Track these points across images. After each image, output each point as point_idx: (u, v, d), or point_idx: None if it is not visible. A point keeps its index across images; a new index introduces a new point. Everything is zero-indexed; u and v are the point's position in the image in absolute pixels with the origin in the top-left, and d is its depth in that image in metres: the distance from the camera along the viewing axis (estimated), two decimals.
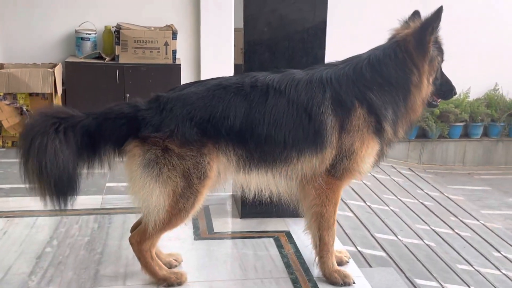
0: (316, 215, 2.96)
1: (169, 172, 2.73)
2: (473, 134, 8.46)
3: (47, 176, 2.65)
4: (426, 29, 2.78)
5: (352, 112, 2.81)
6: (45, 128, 2.68)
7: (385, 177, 7.10)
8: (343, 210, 5.51)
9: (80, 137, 2.73)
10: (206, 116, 2.75)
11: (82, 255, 3.23)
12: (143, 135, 2.71)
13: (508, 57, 8.52)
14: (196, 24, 6.98)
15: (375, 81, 2.84)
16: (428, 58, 2.83)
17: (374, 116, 2.83)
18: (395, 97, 2.85)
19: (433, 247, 5.12)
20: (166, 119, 2.72)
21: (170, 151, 2.72)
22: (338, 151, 2.85)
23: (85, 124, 2.76)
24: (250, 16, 3.62)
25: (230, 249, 3.43)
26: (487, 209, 6.75)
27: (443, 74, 2.99)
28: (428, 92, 2.92)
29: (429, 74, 2.87)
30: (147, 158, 2.71)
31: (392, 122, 2.87)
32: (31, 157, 2.66)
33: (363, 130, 2.83)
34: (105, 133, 2.76)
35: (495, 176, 8.10)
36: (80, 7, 6.74)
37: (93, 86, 6.49)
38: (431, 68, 2.87)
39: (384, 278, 3.38)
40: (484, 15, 8.38)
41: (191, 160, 2.74)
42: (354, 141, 2.83)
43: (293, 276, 3.08)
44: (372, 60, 2.88)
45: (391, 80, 2.84)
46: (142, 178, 2.72)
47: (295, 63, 3.57)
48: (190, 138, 2.72)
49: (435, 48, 2.86)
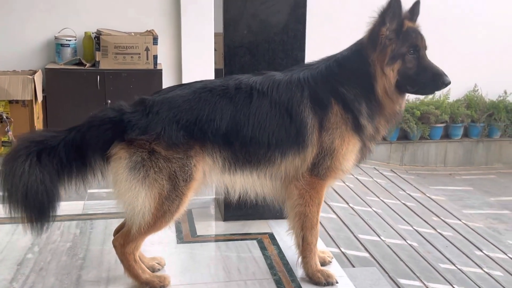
0: (299, 215, 2.97)
1: (156, 174, 2.72)
2: (454, 135, 8.54)
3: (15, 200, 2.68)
4: (376, 20, 2.80)
5: (329, 109, 2.84)
6: (16, 153, 2.70)
7: (367, 179, 7.14)
8: (327, 212, 5.53)
9: (65, 154, 2.73)
10: (192, 118, 2.76)
11: (64, 260, 3.20)
12: (130, 138, 2.70)
13: (487, 59, 8.62)
14: (177, 29, 6.98)
15: (343, 75, 2.87)
16: (379, 47, 2.79)
17: (350, 112, 2.84)
18: (365, 90, 2.85)
19: (416, 247, 5.16)
20: (153, 121, 2.72)
21: (156, 153, 2.71)
22: (319, 149, 2.86)
23: (69, 139, 2.76)
24: (230, 20, 3.63)
25: (213, 251, 3.42)
26: (469, 208, 6.82)
27: (420, 62, 2.84)
28: (387, 83, 2.82)
29: (382, 63, 2.80)
30: (134, 161, 2.70)
31: (368, 116, 2.87)
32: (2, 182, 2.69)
33: (342, 128, 2.84)
34: (91, 142, 2.76)
35: (476, 176, 8.18)
36: (60, 14, 6.71)
37: (73, 93, 6.47)
38: (382, 57, 2.79)
39: (367, 278, 3.39)
40: (464, 17, 8.47)
41: (178, 163, 2.74)
42: (334, 139, 2.85)
43: (277, 277, 3.09)
44: (340, 56, 2.94)
45: (357, 73, 2.86)
46: (128, 181, 2.71)
47: (275, 65, 3.60)
48: (177, 141, 2.73)
49: (393, 36, 2.78)
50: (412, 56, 2.82)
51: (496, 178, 8.14)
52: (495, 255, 5.38)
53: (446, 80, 2.81)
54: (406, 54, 2.81)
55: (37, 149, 2.72)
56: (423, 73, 2.82)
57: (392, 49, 2.79)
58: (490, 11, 8.62)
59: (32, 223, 2.74)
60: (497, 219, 6.55)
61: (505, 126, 8.58)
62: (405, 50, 2.80)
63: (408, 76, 2.82)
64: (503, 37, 8.67)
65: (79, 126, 2.81)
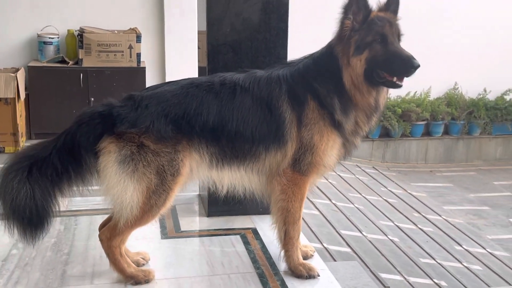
0: (282, 209, 3.02)
1: (144, 168, 2.76)
2: (434, 132, 8.65)
3: (6, 217, 2.74)
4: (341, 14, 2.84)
5: (306, 105, 2.89)
6: (7, 170, 2.75)
7: (350, 176, 7.21)
8: (309, 208, 5.60)
9: (59, 160, 2.77)
10: (180, 112, 2.80)
11: (48, 256, 3.22)
12: (119, 131, 2.74)
13: (467, 57, 8.74)
14: (160, 27, 6.99)
15: (318, 72, 2.92)
16: (344, 40, 2.82)
17: (326, 108, 2.88)
18: (337, 85, 2.87)
19: (397, 242, 5.24)
20: (142, 115, 2.76)
21: (145, 147, 2.75)
22: (299, 144, 2.90)
23: (60, 144, 2.80)
24: (213, 18, 3.66)
25: (197, 246, 3.46)
26: (449, 205, 6.93)
27: (388, 49, 2.80)
28: (353, 74, 2.83)
29: (347, 54, 2.82)
30: (123, 154, 2.73)
31: (342, 111, 2.89)
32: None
33: (320, 123, 2.89)
34: (81, 140, 2.78)
35: (456, 173, 8.30)
36: (43, 11, 6.68)
37: (56, 91, 6.45)
38: (347, 48, 2.82)
39: (348, 271, 3.46)
40: (445, 16, 8.59)
41: (166, 157, 2.78)
42: (313, 135, 2.89)
43: (260, 271, 3.13)
44: (316, 54, 3.00)
45: (328, 68, 2.89)
46: (117, 175, 2.74)
47: (258, 63, 3.64)
48: (165, 135, 2.77)
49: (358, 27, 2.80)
50: (379, 44, 2.81)
51: (475, 175, 8.26)
52: (475, 250, 5.48)
53: (415, 63, 2.75)
54: (373, 43, 2.80)
55: (28, 163, 2.75)
56: (392, 59, 2.78)
57: (356, 40, 2.80)
58: (471, 10, 8.74)
59: (24, 235, 2.77)
60: (476, 215, 6.66)
61: (485, 124, 8.72)
62: (370, 39, 2.79)
63: (377, 63, 2.80)
64: (483, 36, 8.80)
65: (68, 129, 2.84)
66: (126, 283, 2.93)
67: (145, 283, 2.94)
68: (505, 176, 8.22)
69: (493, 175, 8.25)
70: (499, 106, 8.71)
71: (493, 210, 6.83)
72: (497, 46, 8.85)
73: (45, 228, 2.79)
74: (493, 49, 8.84)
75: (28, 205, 2.71)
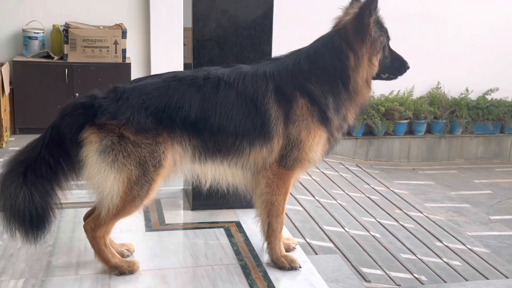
0: (266, 202, 3.07)
1: (124, 159, 2.80)
2: (417, 131, 8.74)
3: (7, 221, 2.80)
4: (364, 12, 2.88)
5: (294, 102, 2.92)
6: (4, 177, 2.82)
7: (333, 173, 7.28)
8: (293, 204, 5.65)
9: (50, 156, 2.82)
10: (161, 105, 2.83)
11: (33, 247, 3.23)
12: (100, 122, 2.77)
13: (450, 57, 8.85)
14: (146, 23, 7.02)
15: (312, 73, 2.95)
16: (370, 40, 2.90)
17: (317, 105, 2.93)
18: (334, 85, 2.95)
19: (379, 238, 5.32)
20: (122, 107, 2.80)
21: (125, 138, 2.79)
22: (286, 141, 2.95)
23: (48, 139, 2.84)
24: (198, 13, 3.70)
25: (181, 239, 3.50)
26: (430, 202, 7.02)
27: (392, 51, 3.07)
28: (370, 73, 2.98)
29: (371, 55, 2.93)
30: (104, 145, 2.77)
31: (334, 109, 2.96)
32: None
33: (308, 120, 2.93)
34: (65, 131, 2.82)
35: (438, 171, 8.41)
36: (28, 6, 6.69)
37: (41, 86, 6.47)
38: (374, 49, 2.93)
39: (329, 264, 3.52)
40: (427, 16, 8.68)
41: (147, 148, 2.82)
42: (301, 131, 2.93)
43: (243, 263, 3.18)
44: (310, 53, 3.00)
45: (328, 69, 2.95)
46: (97, 164, 2.78)
47: (243, 59, 3.69)
48: (145, 126, 2.80)
49: (377, 29, 2.93)
50: (387, 46, 3.04)
51: (457, 173, 8.38)
52: (454, 246, 5.57)
53: (408, 65, 3.10)
54: (386, 45, 3.02)
55: (22, 169, 2.80)
56: (396, 61, 3.08)
57: (381, 41, 2.96)
58: (454, 10, 8.85)
59: (26, 237, 2.84)
60: (457, 212, 6.76)
61: (467, 123, 8.82)
62: (385, 41, 3.01)
63: (385, 64, 3.04)
64: (466, 36, 8.92)
65: (53, 122, 2.88)
66: (110, 274, 2.96)
67: (129, 273, 2.98)
68: (485, 175, 8.34)
69: (474, 174, 8.37)
70: (480, 106, 8.82)
71: (474, 208, 6.94)
72: (480, 46, 8.97)
73: (46, 228, 2.85)
74: (475, 49, 8.96)
75: (28, 208, 2.76)
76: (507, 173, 8.50)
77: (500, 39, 9.04)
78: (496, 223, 6.50)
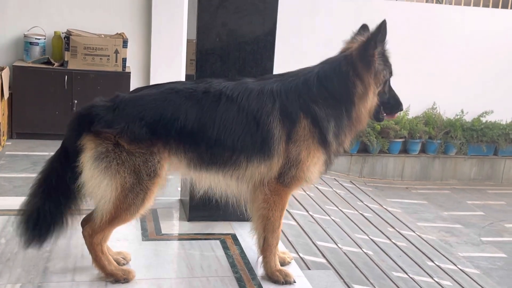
0: (262, 217, 3.09)
1: (118, 166, 2.84)
2: (412, 150, 8.81)
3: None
4: (369, 43, 2.91)
5: (297, 123, 2.94)
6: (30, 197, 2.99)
7: (327, 189, 7.32)
8: (287, 218, 5.68)
9: (61, 168, 2.94)
10: (156, 116, 2.87)
11: (30, 252, 3.23)
12: (96, 130, 2.83)
13: (446, 78, 8.95)
14: (147, 33, 7.06)
15: (321, 95, 2.97)
16: (373, 71, 2.93)
17: (318, 127, 2.95)
18: (338, 110, 2.97)
19: (371, 255, 5.35)
20: (118, 117, 2.85)
21: (120, 146, 2.84)
22: (286, 160, 2.97)
23: (58, 154, 2.98)
24: (203, 27, 3.74)
25: (177, 249, 3.52)
26: (423, 221, 7.07)
27: (391, 89, 3.06)
28: (373, 104, 3.00)
29: (374, 87, 2.96)
30: (98, 151, 2.83)
31: (334, 134, 2.98)
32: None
33: (309, 141, 2.96)
34: (67, 143, 2.94)
35: (431, 191, 8.46)
36: (30, 12, 6.72)
37: (40, 91, 6.48)
38: (376, 81, 2.95)
39: (323, 280, 3.54)
40: (425, 37, 8.79)
41: (141, 157, 2.86)
42: (301, 151, 2.96)
43: (238, 275, 3.21)
44: (320, 75, 3.00)
45: (335, 94, 2.97)
46: (91, 170, 2.83)
47: (245, 73, 3.71)
48: (139, 137, 2.84)
49: (381, 62, 2.95)
50: (388, 82, 3.04)
51: (450, 194, 8.44)
52: (446, 266, 5.62)
53: (403, 107, 3.15)
54: (387, 81, 3.03)
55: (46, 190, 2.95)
56: (392, 99, 3.08)
57: (384, 75, 2.98)
58: (451, 33, 8.95)
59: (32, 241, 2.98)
60: (449, 232, 6.81)
61: (461, 144, 8.90)
62: (388, 76, 3.02)
63: (382, 100, 3.04)
64: (462, 59, 9.02)
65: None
66: (106, 281, 2.98)
67: (124, 281, 3.00)
68: (478, 196, 8.41)
69: (466, 195, 8.43)
70: (475, 128, 8.90)
71: (465, 229, 6.99)
72: (476, 69, 9.08)
73: (49, 234, 2.98)
74: (472, 71, 9.07)
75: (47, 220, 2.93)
76: (500, 195, 8.57)
77: (497, 63, 9.15)
78: (487, 244, 6.55)
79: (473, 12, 9.13)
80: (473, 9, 9.21)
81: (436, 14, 8.93)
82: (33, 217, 2.92)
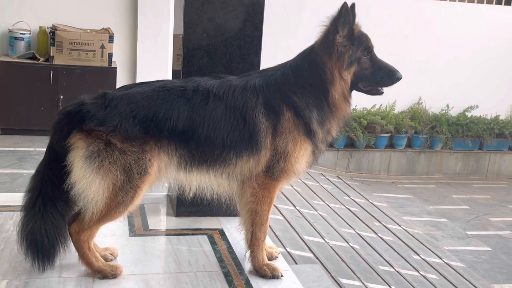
0: (251, 211, 3.11)
1: (110, 165, 2.83)
2: (398, 145, 8.87)
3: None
4: (329, 29, 2.95)
5: (281, 115, 2.98)
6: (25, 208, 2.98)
7: (314, 184, 7.34)
8: (274, 213, 5.69)
9: (50, 171, 2.92)
10: (149, 115, 2.87)
11: (17, 249, 3.22)
12: (87, 128, 2.81)
13: (432, 73, 9.02)
14: (133, 28, 7.03)
15: (298, 85, 3.01)
16: (335, 56, 2.94)
17: (302, 119, 2.98)
18: (318, 98, 3.00)
19: (358, 249, 5.37)
20: (110, 114, 2.83)
21: (112, 145, 2.82)
22: (273, 153, 3.00)
23: (46, 158, 2.95)
24: (189, 22, 3.74)
25: (164, 245, 3.53)
26: (409, 215, 7.12)
27: (376, 62, 3.04)
28: (345, 86, 3.00)
29: (340, 69, 2.96)
30: (90, 150, 2.80)
31: (318, 122, 3.01)
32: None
33: (294, 132, 2.99)
34: (54, 140, 2.90)
35: (417, 185, 8.52)
36: (15, 6, 6.67)
37: (26, 87, 6.43)
38: (341, 64, 2.96)
39: (310, 274, 3.56)
40: (410, 33, 8.84)
41: (133, 156, 2.85)
42: (288, 143, 2.98)
43: (225, 270, 3.22)
44: (293, 66, 3.06)
45: (311, 82, 3.01)
46: (83, 169, 2.81)
47: (232, 69, 3.74)
48: (132, 135, 2.84)
49: (346, 43, 2.95)
50: (366, 58, 3.02)
51: (435, 188, 8.50)
52: (431, 259, 5.66)
53: (399, 75, 3.03)
54: (361, 57, 3.00)
55: (41, 201, 2.92)
56: (378, 71, 3.03)
57: (350, 55, 2.96)
58: (437, 28, 9.01)
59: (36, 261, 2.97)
60: (434, 226, 6.86)
61: (446, 139, 8.97)
62: (360, 54, 2.99)
63: (364, 76, 3.03)
64: (448, 54, 9.09)
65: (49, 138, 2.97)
66: (94, 277, 2.98)
67: (112, 277, 3.00)
68: (463, 190, 8.48)
69: (452, 189, 8.50)
70: (460, 122, 8.98)
71: (451, 222, 7.05)
72: (461, 64, 9.15)
73: (56, 254, 2.97)
74: (457, 67, 9.14)
75: (39, 238, 2.91)
76: (485, 189, 8.66)
77: (481, 58, 9.23)
78: (472, 238, 6.62)
79: (459, 8, 9.18)
80: (460, 4, 9.26)
81: (422, 10, 8.97)
82: (37, 246, 2.92)
